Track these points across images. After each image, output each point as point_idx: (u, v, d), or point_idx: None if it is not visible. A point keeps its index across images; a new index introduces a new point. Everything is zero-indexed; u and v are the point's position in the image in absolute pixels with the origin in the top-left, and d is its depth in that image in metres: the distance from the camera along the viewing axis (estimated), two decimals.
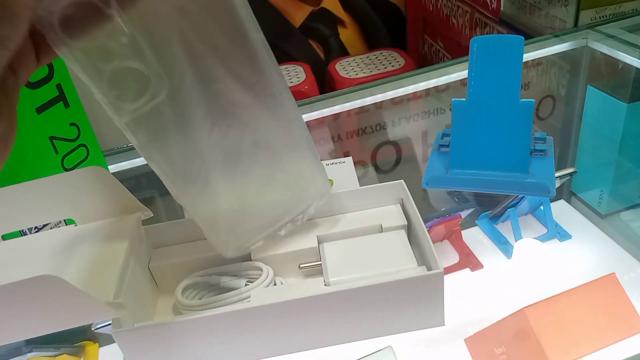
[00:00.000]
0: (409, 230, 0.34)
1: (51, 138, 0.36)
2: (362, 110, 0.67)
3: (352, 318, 0.29)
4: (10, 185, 0.27)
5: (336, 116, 0.67)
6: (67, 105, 0.36)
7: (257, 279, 0.31)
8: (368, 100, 0.66)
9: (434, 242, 0.62)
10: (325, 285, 0.30)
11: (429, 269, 0.30)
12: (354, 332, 0.30)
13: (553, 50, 0.67)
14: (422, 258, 0.31)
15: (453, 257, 0.61)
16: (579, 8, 0.82)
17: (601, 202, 0.64)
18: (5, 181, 0.31)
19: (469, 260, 0.60)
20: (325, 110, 0.66)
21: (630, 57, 0.57)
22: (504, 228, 0.64)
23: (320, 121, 0.67)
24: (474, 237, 0.63)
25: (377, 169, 0.73)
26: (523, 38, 0.37)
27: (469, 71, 0.39)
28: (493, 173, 0.39)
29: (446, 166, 0.41)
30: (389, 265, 0.31)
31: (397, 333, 0.30)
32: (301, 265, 0.33)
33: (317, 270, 0.33)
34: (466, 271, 0.59)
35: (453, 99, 0.39)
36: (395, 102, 0.68)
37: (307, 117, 0.64)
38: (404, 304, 0.29)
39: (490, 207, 0.64)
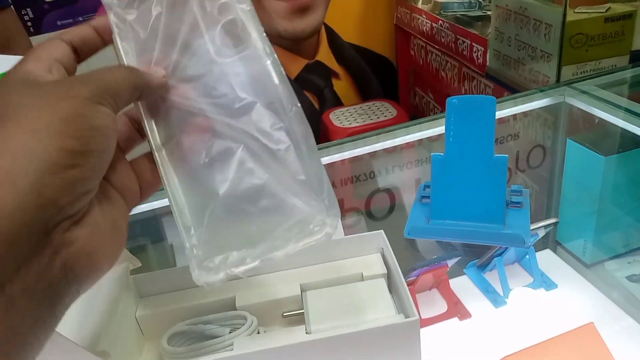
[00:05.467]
0: (389, 278, 0.35)
1: None
2: (356, 158, 0.69)
3: None
4: None
5: (330, 165, 0.69)
6: None
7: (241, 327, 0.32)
8: (362, 151, 0.68)
9: (422, 291, 0.63)
10: (306, 333, 0.31)
11: (407, 316, 0.31)
12: None
13: (534, 105, 0.70)
14: (400, 306, 0.33)
15: (441, 306, 0.61)
16: (561, 64, 0.86)
17: (585, 252, 0.65)
18: None
19: (457, 310, 0.60)
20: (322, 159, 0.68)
21: (604, 113, 0.60)
22: (492, 277, 0.64)
23: None
24: (463, 285, 0.64)
25: (371, 216, 0.74)
26: (495, 98, 0.40)
27: (446, 128, 0.41)
28: (471, 224, 0.41)
29: (427, 217, 0.43)
30: (369, 313, 0.32)
31: None
32: (284, 314, 0.34)
33: (300, 319, 0.34)
34: (454, 320, 0.59)
35: (432, 154, 0.42)
36: (388, 151, 0.70)
37: None
38: (382, 350, 0.30)
39: (478, 256, 0.65)
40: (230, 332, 0.32)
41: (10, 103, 0.21)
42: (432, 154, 0.41)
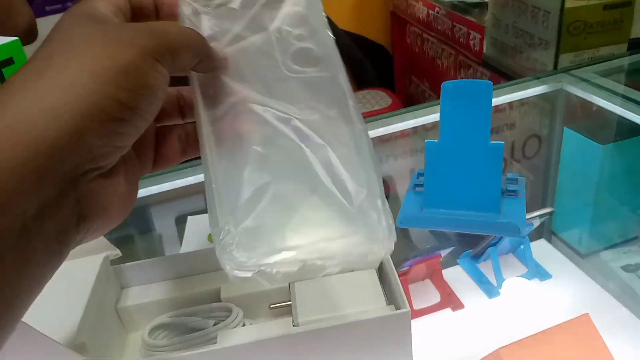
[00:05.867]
0: (380, 269, 0.34)
1: None
2: None
3: (320, 358, 0.29)
4: None
5: None
6: None
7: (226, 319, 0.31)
8: None
9: (415, 282, 0.62)
10: (294, 325, 0.30)
11: (397, 308, 0.30)
12: None
13: (531, 92, 0.68)
14: (391, 297, 0.31)
15: (434, 297, 0.61)
16: (559, 52, 0.85)
17: (581, 242, 0.64)
18: None
19: (450, 300, 0.60)
20: None
21: (603, 100, 0.58)
22: (486, 267, 0.64)
23: None
24: (456, 276, 0.63)
25: None
26: (492, 83, 0.38)
27: (440, 114, 0.40)
28: (465, 213, 0.39)
29: (421, 205, 0.42)
30: (358, 304, 0.31)
31: None
32: (271, 306, 0.33)
33: (287, 311, 0.32)
34: (447, 311, 0.59)
35: (426, 140, 0.40)
36: (383, 139, 0.69)
37: None
38: (371, 343, 0.29)
39: (472, 245, 0.64)
40: (214, 325, 0.31)
41: (73, 35, 0.21)
42: (426, 140, 0.40)
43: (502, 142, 0.38)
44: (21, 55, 0.34)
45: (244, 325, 0.31)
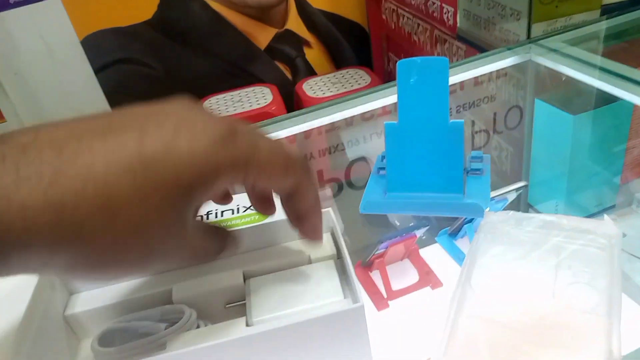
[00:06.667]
0: (340, 259, 0.33)
1: None
2: (332, 127, 0.67)
3: (275, 357, 0.28)
4: None
5: (307, 134, 0.67)
6: None
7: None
8: (337, 117, 0.66)
9: (393, 262, 0.62)
10: (247, 325, 0.29)
11: (355, 301, 0.29)
12: None
13: (503, 64, 0.67)
14: (348, 290, 0.31)
15: (414, 276, 0.60)
16: (531, 21, 0.83)
17: (557, 213, 0.64)
18: None
19: (429, 279, 0.59)
20: (295, 128, 0.65)
21: (572, 69, 0.57)
22: (464, 244, 0.63)
23: (290, 140, 0.66)
24: (435, 254, 0.63)
25: (351, 185, 0.73)
26: (447, 60, 0.37)
27: (398, 94, 0.38)
28: (429, 195, 0.38)
29: (384, 189, 0.40)
30: (316, 299, 0.30)
31: None
32: (227, 305, 0.31)
33: (244, 309, 0.31)
34: (427, 289, 0.58)
35: (385, 122, 0.39)
36: (365, 118, 0.68)
37: (275, 136, 0.63)
38: (326, 340, 0.28)
39: (449, 223, 0.64)
40: (166, 329, 0.29)
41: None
42: (385, 122, 0.39)
43: (462, 121, 0.37)
44: None
45: (198, 327, 0.30)
